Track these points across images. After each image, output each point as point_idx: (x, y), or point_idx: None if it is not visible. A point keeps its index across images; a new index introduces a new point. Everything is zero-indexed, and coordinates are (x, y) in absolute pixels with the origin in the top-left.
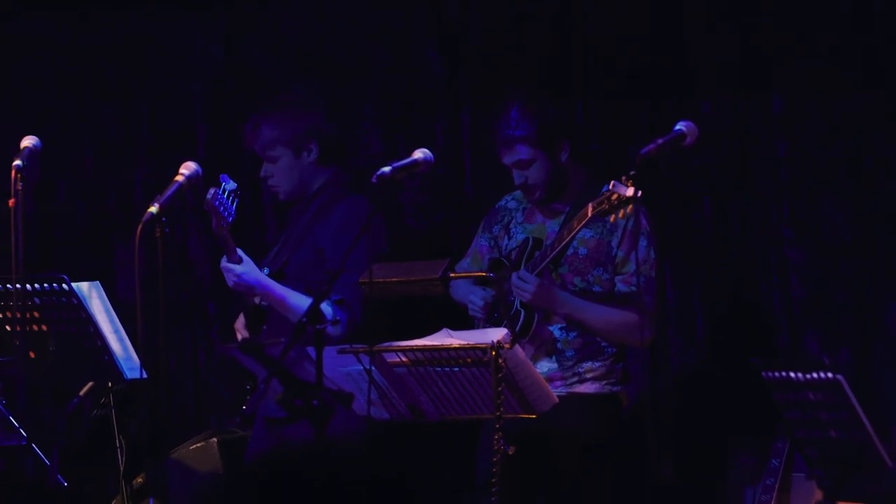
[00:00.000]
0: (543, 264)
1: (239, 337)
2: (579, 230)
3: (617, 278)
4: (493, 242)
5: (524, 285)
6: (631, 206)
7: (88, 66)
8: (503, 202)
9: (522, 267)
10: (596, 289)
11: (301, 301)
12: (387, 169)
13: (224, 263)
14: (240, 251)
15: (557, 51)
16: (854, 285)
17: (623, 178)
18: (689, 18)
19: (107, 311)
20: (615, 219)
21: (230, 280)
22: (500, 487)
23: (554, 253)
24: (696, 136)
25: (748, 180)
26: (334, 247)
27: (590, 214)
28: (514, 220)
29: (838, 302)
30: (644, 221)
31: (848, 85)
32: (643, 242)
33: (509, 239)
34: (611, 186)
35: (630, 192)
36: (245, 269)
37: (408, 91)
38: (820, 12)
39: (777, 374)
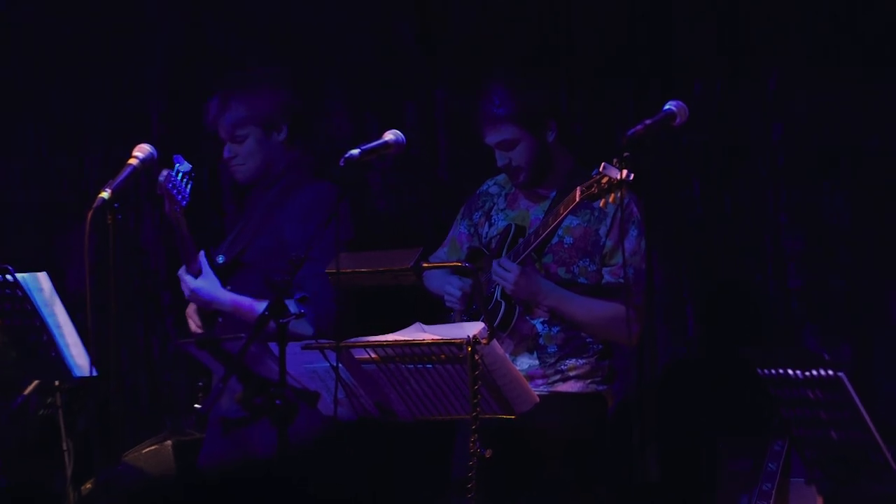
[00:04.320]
0: (526, 252)
1: (191, 325)
2: (566, 216)
3: (604, 270)
4: (472, 230)
5: (505, 273)
6: (623, 190)
7: (39, 42)
8: (485, 187)
9: (504, 255)
10: (582, 280)
11: (261, 307)
12: (355, 152)
13: (181, 273)
14: (202, 260)
15: (540, 26)
16: (855, 274)
17: (614, 160)
18: None
19: (54, 304)
20: (605, 204)
21: (185, 291)
22: (477, 493)
23: (538, 240)
24: (687, 116)
25: (741, 163)
26: (298, 235)
27: (578, 199)
28: (495, 207)
29: (838, 292)
30: (634, 209)
31: (848, 63)
32: (633, 232)
33: (490, 226)
34: (601, 169)
35: (621, 174)
36: (202, 284)
37: (378, 67)
38: None
39: (773, 370)
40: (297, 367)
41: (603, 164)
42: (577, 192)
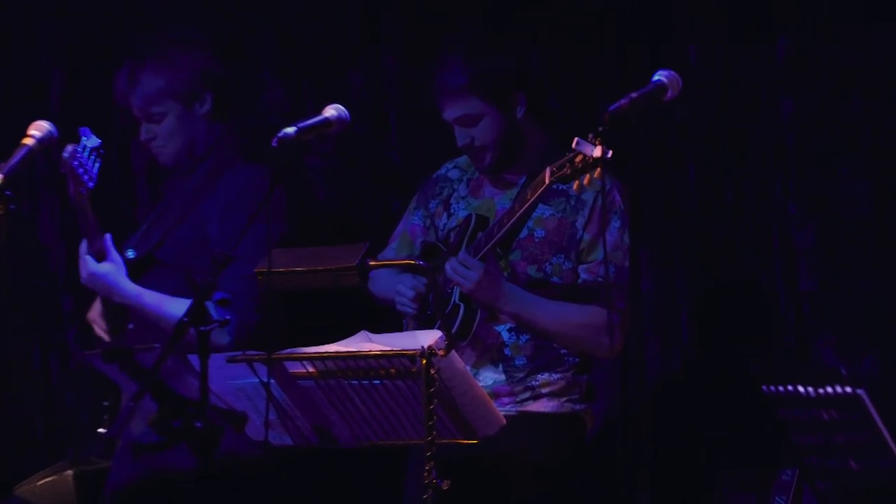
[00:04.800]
0: (488, 247)
1: (96, 330)
2: (534, 202)
3: (581, 267)
4: (428, 221)
5: (466, 272)
6: (599, 171)
7: None
8: (443, 171)
9: (463, 251)
10: (555, 280)
11: (178, 308)
12: (290, 130)
13: (82, 251)
14: (108, 242)
15: None
16: (878, 275)
17: (590, 135)
18: None
19: None
20: (579, 187)
21: (82, 273)
22: None
23: (502, 232)
24: (680, 88)
25: (744, 144)
26: (223, 227)
27: (548, 181)
28: (455, 194)
29: (858, 296)
30: (617, 198)
31: (869, 28)
32: (615, 223)
33: (449, 217)
34: (573, 145)
35: (597, 151)
36: (106, 268)
37: (317, 30)
38: None
39: (781, 387)
40: (222, 384)
41: (576, 139)
42: (547, 174)
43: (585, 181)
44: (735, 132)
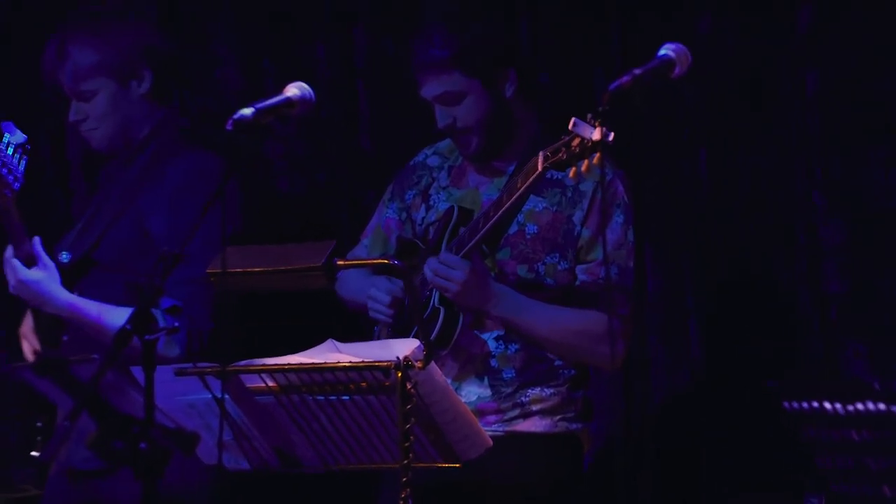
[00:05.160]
0: (472, 242)
1: (27, 348)
2: (525, 191)
3: (579, 268)
4: (404, 215)
5: (450, 272)
6: (599, 156)
7: None
8: (421, 157)
9: (444, 248)
10: (549, 282)
11: (121, 318)
12: (247, 111)
13: (8, 256)
14: (37, 246)
15: None
16: None
17: (588, 116)
18: None
19: None
20: (576, 174)
21: (10, 281)
22: None
23: (488, 225)
24: (689, 64)
25: (762, 126)
26: (168, 223)
27: (540, 167)
28: (435, 184)
29: (893, 299)
30: (620, 189)
31: None
32: (618, 218)
33: (428, 210)
34: (570, 126)
35: (597, 134)
36: (38, 276)
37: None
38: None
39: (805, 404)
40: (170, 400)
41: (573, 119)
42: (539, 159)
43: (583, 168)
44: (752, 113)
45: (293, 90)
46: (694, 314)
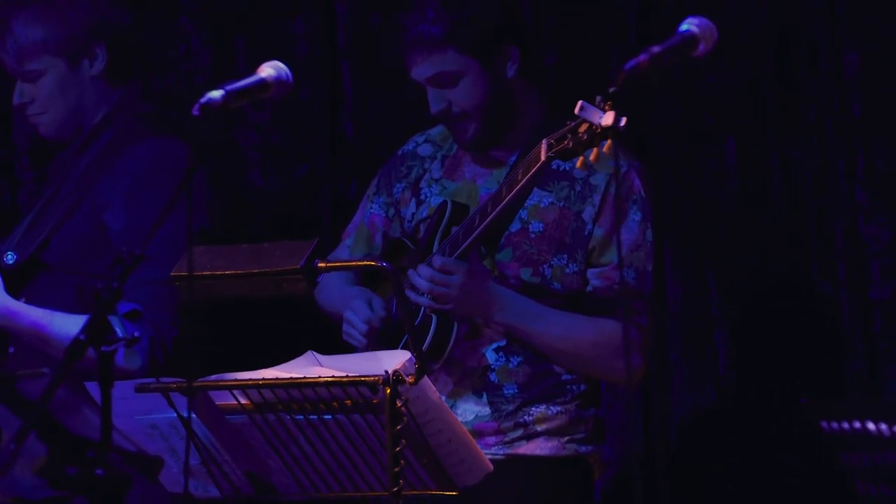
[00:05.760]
0: (468, 241)
1: None
2: (527, 184)
3: (591, 272)
4: (391, 210)
5: (448, 278)
6: (609, 144)
7: None
8: (410, 146)
9: (436, 247)
10: (556, 287)
11: (73, 327)
12: (216, 94)
13: None
14: None
15: None
16: None
17: (598, 98)
18: None
19: None
20: (584, 164)
21: None
22: None
23: (486, 222)
24: (715, 41)
25: (797, 113)
26: (127, 218)
27: (544, 157)
28: (427, 176)
29: None
30: (636, 182)
31: None
32: (635, 216)
33: (418, 205)
34: (577, 111)
35: (607, 119)
36: None
37: None
38: None
39: (846, 424)
40: (130, 420)
41: (580, 103)
42: (543, 148)
43: (592, 157)
44: (785, 98)
45: (268, 70)
46: (720, 325)
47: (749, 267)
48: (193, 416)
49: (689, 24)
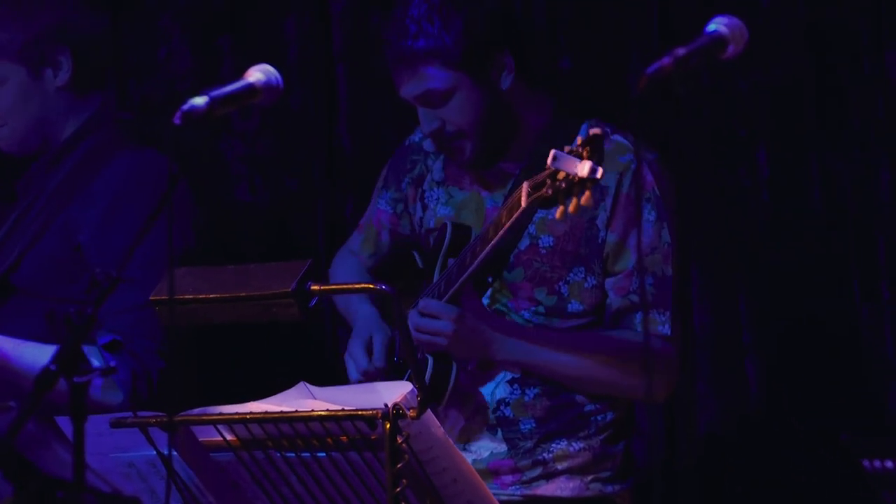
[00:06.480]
0: (458, 283)
1: None
2: (511, 227)
3: (607, 282)
4: (400, 206)
5: (434, 325)
6: (588, 195)
7: None
8: (417, 136)
9: (436, 278)
10: (575, 307)
11: (44, 358)
12: (200, 101)
13: None
14: None
15: None
16: None
17: (574, 144)
18: None
19: None
20: (563, 214)
21: None
22: None
23: (475, 264)
24: (746, 42)
25: (837, 121)
26: (104, 237)
27: (524, 204)
28: (429, 177)
29: None
30: (649, 178)
31: None
32: (649, 216)
33: (424, 210)
34: (549, 161)
35: (583, 169)
36: None
37: None
38: None
39: (890, 463)
40: (104, 458)
41: (553, 152)
42: (524, 193)
43: (571, 208)
44: (824, 103)
45: (256, 75)
46: (752, 353)
47: (783, 289)
48: (174, 453)
49: (717, 24)
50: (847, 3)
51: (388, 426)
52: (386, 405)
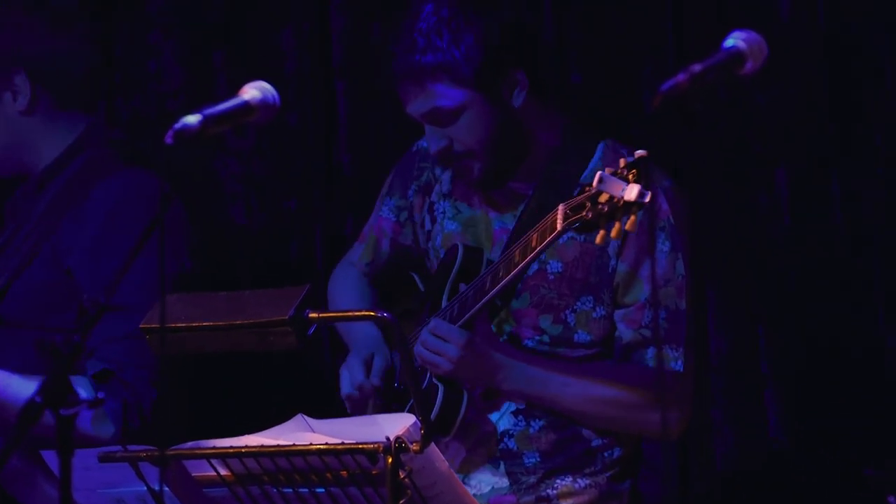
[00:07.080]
0: (475, 309)
1: None
2: (541, 251)
3: (616, 314)
4: (404, 215)
5: (442, 346)
6: (633, 220)
7: None
8: (424, 142)
9: (444, 304)
10: (581, 337)
11: (30, 390)
12: (193, 119)
13: None
14: None
15: None
16: None
17: (620, 165)
18: None
19: None
20: (603, 238)
21: None
22: None
23: (496, 289)
24: (765, 58)
25: (860, 139)
26: (94, 262)
27: (560, 227)
28: (438, 187)
29: None
30: (664, 207)
31: None
32: (663, 246)
33: (432, 222)
34: (595, 182)
35: (631, 193)
36: None
37: None
38: None
39: None
40: (92, 494)
41: (599, 174)
42: (559, 216)
43: (613, 233)
44: (845, 121)
45: (252, 92)
46: (771, 383)
47: (804, 316)
48: (166, 489)
49: (735, 39)
50: (868, 17)
51: (389, 460)
52: (388, 438)
